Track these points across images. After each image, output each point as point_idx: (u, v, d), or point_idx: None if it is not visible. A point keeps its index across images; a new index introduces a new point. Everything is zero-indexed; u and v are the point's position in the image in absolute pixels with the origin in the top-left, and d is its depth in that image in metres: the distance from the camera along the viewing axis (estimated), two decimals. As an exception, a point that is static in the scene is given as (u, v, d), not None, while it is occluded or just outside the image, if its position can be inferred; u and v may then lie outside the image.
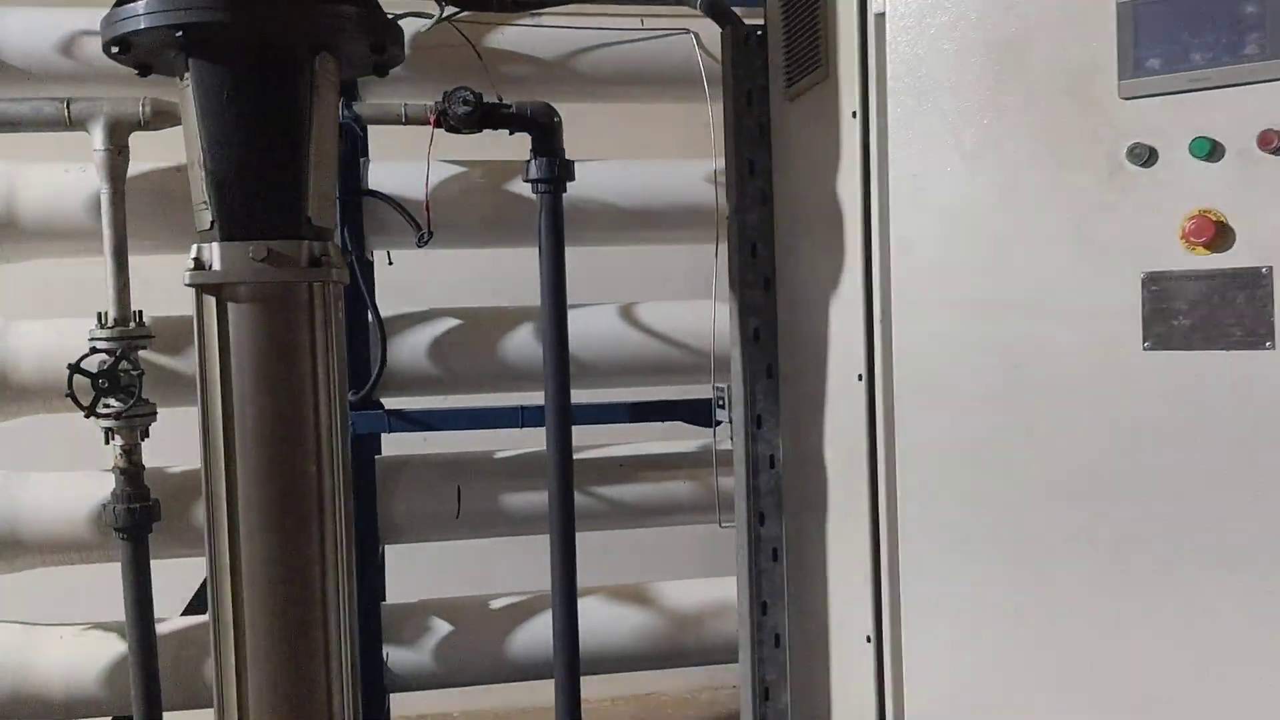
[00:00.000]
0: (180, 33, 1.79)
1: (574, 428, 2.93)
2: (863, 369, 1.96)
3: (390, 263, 3.13)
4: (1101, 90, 1.68)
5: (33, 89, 2.87)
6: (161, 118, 2.72)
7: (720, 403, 2.78)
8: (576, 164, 2.82)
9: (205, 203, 1.91)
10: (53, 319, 2.97)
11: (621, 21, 3.13)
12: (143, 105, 2.69)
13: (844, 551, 2.07)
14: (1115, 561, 1.68)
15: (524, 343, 3.11)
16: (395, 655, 3.05)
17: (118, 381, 2.61)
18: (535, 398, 3.03)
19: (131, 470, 2.72)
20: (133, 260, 2.76)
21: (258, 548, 1.94)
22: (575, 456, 2.97)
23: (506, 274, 3.27)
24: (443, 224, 2.95)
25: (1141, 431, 1.66)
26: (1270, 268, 1.55)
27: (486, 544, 3.30)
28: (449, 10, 2.91)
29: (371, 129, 3.06)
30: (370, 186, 2.98)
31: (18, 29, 2.87)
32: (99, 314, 2.72)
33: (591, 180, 2.96)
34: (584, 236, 3.09)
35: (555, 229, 2.83)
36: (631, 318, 3.21)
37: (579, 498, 3.03)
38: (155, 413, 2.72)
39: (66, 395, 2.57)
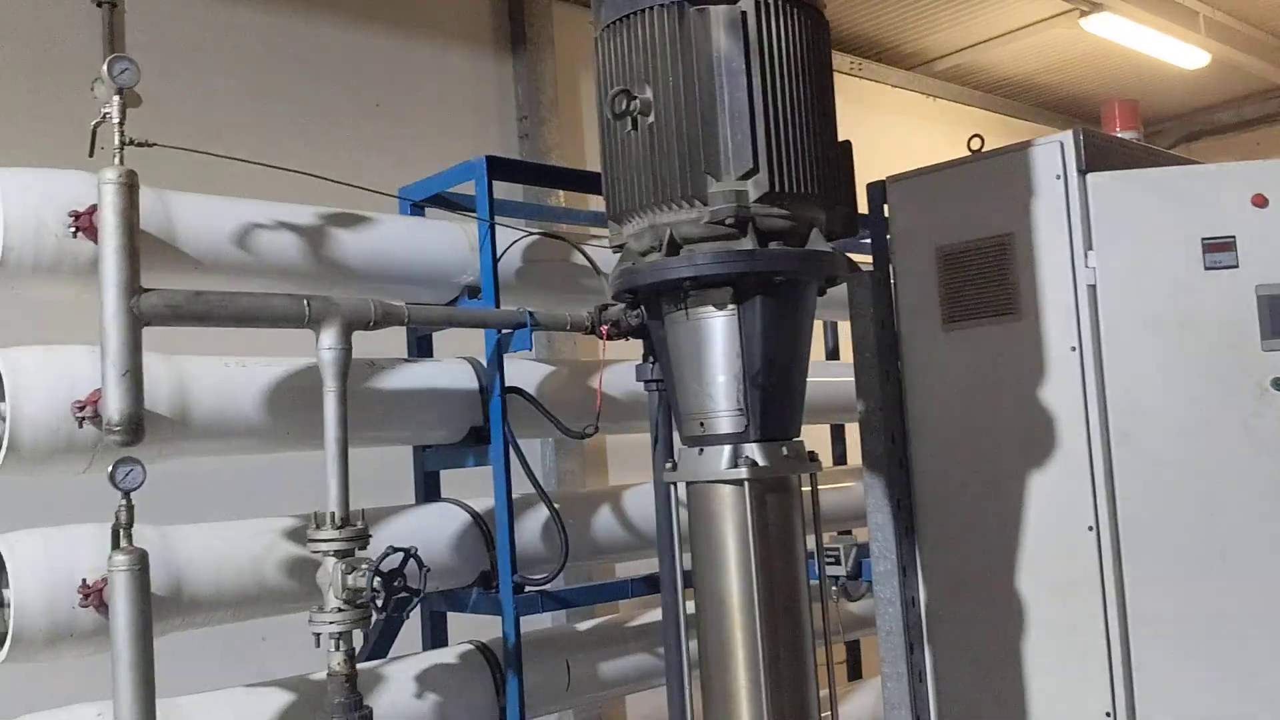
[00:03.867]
0: (780, 277, 2.21)
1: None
2: (1093, 522, 2.86)
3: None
4: (1250, 344, 2.81)
5: (200, 278, 2.76)
6: (387, 318, 2.81)
7: (831, 559, 3.46)
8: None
9: (740, 410, 2.28)
10: (210, 524, 2.77)
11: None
12: (374, 308, 2.76)
13: (1058, 660, 2.90)
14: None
15: (606, 522, 3.50)
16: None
17: (405, 581, 2.61)
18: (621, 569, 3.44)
19: (352, 676, 2.67)
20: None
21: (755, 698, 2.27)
22: (635, 622, 3.44)
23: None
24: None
25: (1295, 550, 2.77)
26: (1358, 448, 2.77)
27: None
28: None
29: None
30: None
31: (191, 215, 2.76)
32: (321, 514, 2.67)
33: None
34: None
35: (668, 421, 3.32)
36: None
37: (648, 658, 3.48)
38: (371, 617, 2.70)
39: (373, 601, 2.51)
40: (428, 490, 3.45)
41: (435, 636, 3.43)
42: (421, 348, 3.51)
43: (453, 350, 3.53)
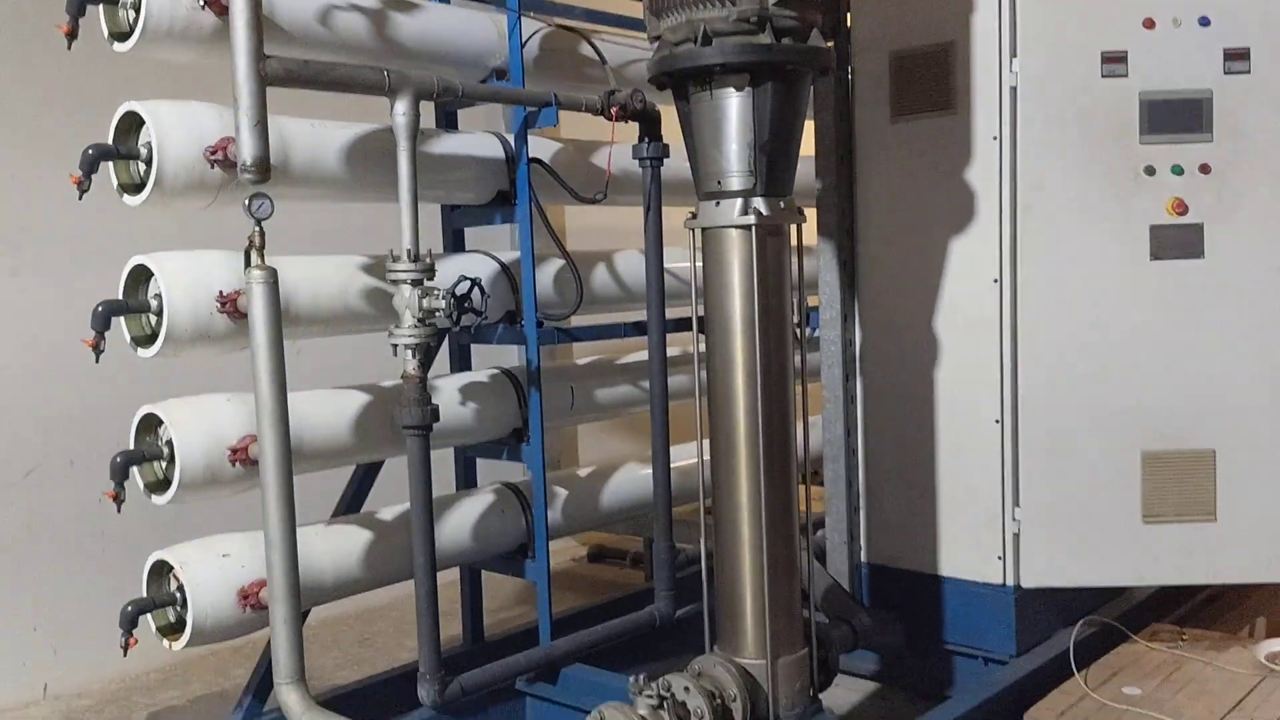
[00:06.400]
0: (790, 66, 2.86)
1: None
2: (997, 276, 3.66)
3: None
4: (1131, 138, 3.59)
5: (294, 50, 3.27)
6: (446, 92, 3.37)
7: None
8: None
9: (751, 171, 2.96)
10: (302, 257, 3.38)
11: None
12: (436, 82, 3.31)
13: (963, 381, 3.76)
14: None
15: (604, 280, 4.21)
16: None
17: (473, 303, 3.28)
18: (611, 317, 4.18)
19: (424, 379, 3.35)
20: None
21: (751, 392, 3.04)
22: (621, 360, 4.21)
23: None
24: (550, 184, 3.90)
25: (1148, 300, 3.62)
26: (1202, 224, 3.60)
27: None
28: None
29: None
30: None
31: (286, -6, 3.25)
32: (401, 251, 3.28)
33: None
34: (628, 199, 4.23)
35: (658, 192, 3.99)
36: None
37: (631, 389, 4.27)
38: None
39: (448, 317, 3.17)
40: (455, 244, 4.08)
41: (462, 363, 4.13)
42: (449, 121, 4.07)
43: (469, 125, 4.11)
